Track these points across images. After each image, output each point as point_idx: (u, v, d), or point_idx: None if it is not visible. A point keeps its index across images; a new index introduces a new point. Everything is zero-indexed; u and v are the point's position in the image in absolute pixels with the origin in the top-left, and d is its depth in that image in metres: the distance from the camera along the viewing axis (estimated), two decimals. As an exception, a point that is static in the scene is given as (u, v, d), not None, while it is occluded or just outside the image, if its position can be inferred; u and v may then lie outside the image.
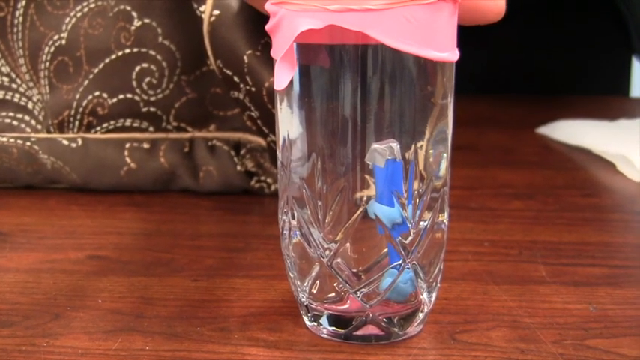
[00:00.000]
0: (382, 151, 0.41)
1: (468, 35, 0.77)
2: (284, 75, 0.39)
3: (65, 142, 0.64)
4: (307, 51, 0.40)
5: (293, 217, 0.43)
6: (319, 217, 0.41)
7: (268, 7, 0.41)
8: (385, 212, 0.41)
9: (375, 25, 0.38)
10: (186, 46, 0.62)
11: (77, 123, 0.63)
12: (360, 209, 0.41)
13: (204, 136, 0.64)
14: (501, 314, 0.45)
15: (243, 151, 0.63)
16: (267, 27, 0.41)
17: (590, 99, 0.92)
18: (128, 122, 0.63)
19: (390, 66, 0.40)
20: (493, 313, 0.45)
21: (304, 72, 0.41)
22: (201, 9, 0.57)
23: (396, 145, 0.40)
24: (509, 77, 0.96)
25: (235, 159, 0.63)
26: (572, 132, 0.77)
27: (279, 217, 0.44)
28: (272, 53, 0.41)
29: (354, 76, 0.40)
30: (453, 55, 0.41)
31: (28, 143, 0.64)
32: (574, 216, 0.59)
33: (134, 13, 0.61)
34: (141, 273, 0.50)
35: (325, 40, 0.40)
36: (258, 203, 0.63)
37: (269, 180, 0.64)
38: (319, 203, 0.42)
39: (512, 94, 0.91)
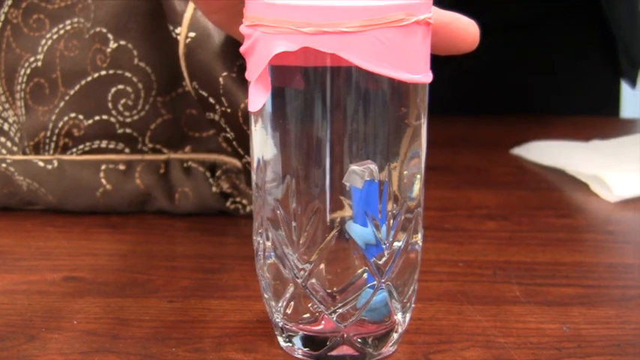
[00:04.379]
0: (360, 173, 0.41)
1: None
2: (258, 97, 0.40)
3: (41, 164, 0.63)
4: (281, 73, 0.41)
5: (268, 238, 0.43)
6: (294, 237, 0.42)
7: (242, 30, 0.41)
8: (359, 233, 0.41)
9: (348, 48, 0.38)
10: (162, 68, 0.62)
11: (53, 144, 0.63)
12: (334, 230, 0.41)
13: (180, 158, 0.64)
14: (476, 334, 0.45)
15: (218, 173, 0.63)
16: (241, 49, 0.41)
17: (568, 119, 0.92)
18: (104, 144, 0.63)
19: (364, 88, 0.40)
20: (467, 333, 0.45)
21: (278, 94, 0.41)
22: (177, 31, 0.57)
23: (374, 167, 0.41)
24: (485, 96, 0.97)
25: (211, 180, 0.64)
26: (546, 152, 0.78)
27: (254, 238, 0.44)
28: (246, 75, 0.41)
29: (328, 97, 0.40)
30: (426, 76, 0.41)
31: (4, 165, 0.64)
32: (548, 236, 0.60)
33: (110, 35, 0.62)
34: (116, 294, 0.50)
35: (299, 62, 0.40)
36: (233, 224, 0.63)
37: (244, 201, 0.64)
38: (294, 224, 0.42)
39: (488, 115, 0.91)
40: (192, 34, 0.57)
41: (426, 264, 0.49)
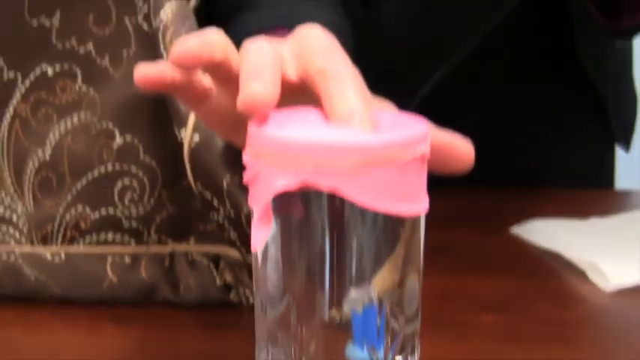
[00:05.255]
0: (360, 297, 0.42)
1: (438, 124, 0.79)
2: (261, 235, 0.41)
3: (49, 257, 0.65)
4: (281, 201, 0.42)
5: (268, 353, 0.44)
6: (293, 358, 0.43)
7: (245, 158, 0.43)
8: (358, 357, 0.42)
9: (346, 185, 0.40)
10: (167, 162, 0.63)
11: (60, 236, 0.65)
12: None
13: (185, 250, 0.65)
14: None
15: (222, 265, 0.65)
16: (244, 178, 0.43)
17: (565, 193, 0.93)
18: (110, 236, 0.65)
19: (362, 214, 0.42)
20: None
21: (279, 221, 0.42)
22: (182, 132, 0.59)
23: (373, 291, 0.42)
24: (484, 167, 0.97)
25: (215, 272, 0.65)
26: (544, 234, 0.79)
27: (256, 353, 0.45)
28: (249, 202, 0.43)
29: (327, 223, 0.42)
30: (423, 206, 0.43)
31: (13, 257, 0.65)
32: (544, 331, 0.61)
33: (116, 131, 0.63)
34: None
35: (298, 188, 0.41)
36: (237, 315, 0.64)
37: (247, 292, 0.65)
38: (293, 345, 0.43)
39: (485, 185, 0.92)
40: (196, 137, 0.58)
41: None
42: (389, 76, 0.87)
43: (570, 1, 0.86)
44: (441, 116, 0.91)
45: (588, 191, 0.95)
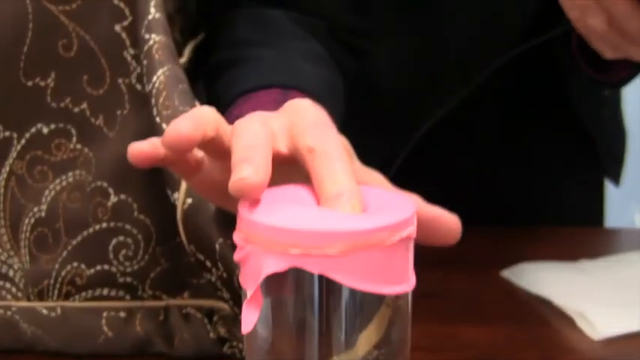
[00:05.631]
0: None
1: (423, 165, 0.80)
2: (251, 317, 0.42)
3: (45, 312, 0.66)
4: (271, 282, 0.43)
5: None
6: None
7: (235, 239, 0.44)
8: None
9: (335, 269, 0.41)
10: (161, 219, 0.64)
11: (56, 292, 0.66)
12: None
13: (179, 304, 0.66)
14: None
15: (215, 318, 0.66)
16: (235, 257, 0.44)
17: (556, 232, 0.95)
18: (105, 291, 0.66)
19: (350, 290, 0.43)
20: None
21: (270, 299, 0.43)
22: (175, 196, 0.60)
23: (358, 351, 0.43)
24: (474, 208, 0.98)
25: (208, 326, 0.66)
26: (534, 278, 0.80)
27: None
28: (241, 281, 0.44)
29: (317, 298, 0.43)
30: (409, 283, 0.44)
31: (9, 312, 0.66)
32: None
33: (110, 190, 0.64)
34: None
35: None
36: (231, 369, 0.65)
37: (240, 345, 0.66)
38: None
39: (477, 227, 0.93)
40: (189, 200, 0.59)
41: None
42: (383, 121, 0.88)
43: (560, 55, 0.87)
44: (431, 157, 0.93)
45: (578, 230, 0.96)
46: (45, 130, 0.65)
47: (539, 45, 0.82)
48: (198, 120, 0.47)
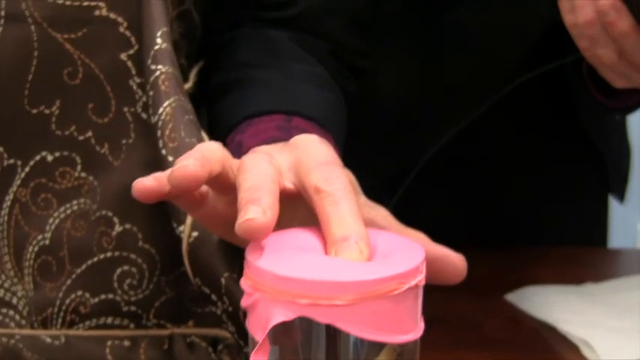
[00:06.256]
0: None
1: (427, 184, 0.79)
2: (259, 366, 0.42)
3: (49, 340, 0.66)
4: (279, 329, 0.43)
5: None
6: None
7: (243, 285, 0.44)
8: None
9: (343, 319, 0.41)
10: (166, 249, 0.64)
11: (60, 320, 0.65)
12: None
13: (183, 332, 0.66)
14: None
15: (220, 347, 0.66)
16: (242, 304, 0.44)
17: (560, 252, 0.94)
18: (109, 320, 0.65)
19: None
20: None
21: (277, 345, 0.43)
22: (180, 229, 0.60)
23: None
24: (474, 226, 0.98)
25: (213, 355, 0.66)
26: (538, 303, 0.80)
27: None
28: (247, 327, 0.44)
29: (325, 343, 0.43)
30: (417, 332, 0.44)
31: (13, 341, 0.66)
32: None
33: (115, 219, 0.64)
34: None
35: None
36: (235, 398, 0.65)
37: (245, 375, 0.66)
38: None
39: (479, 249, 0.92)
40: (194, 234, 0.59)
41: None
42: (389, 141, 0.88)
43: (571, 79, 0.87)
44: (436, 177, 0.93)
45: (584, 250, 0.96)
46: (49, 158, 0.65)
47: (550, 70, 0.81)
48: (205, 158, 0.46)
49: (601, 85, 0.80)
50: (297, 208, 0.50)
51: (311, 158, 0.49)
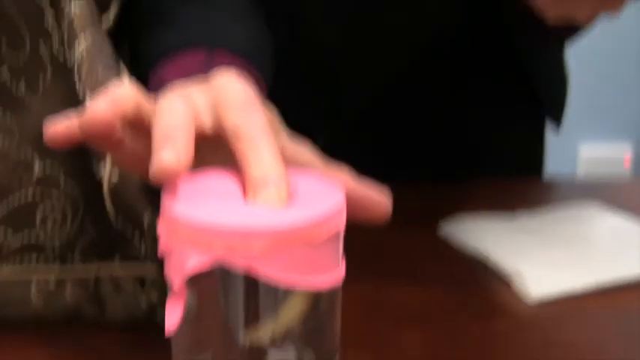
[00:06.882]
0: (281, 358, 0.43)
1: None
2: (175, 315, 0.41)
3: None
4: (195, 277, 0.42)
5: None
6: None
7: (160, 230, 0.43)
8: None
9: (259, 266, 0.40)
10: (89, 187, 0.63)
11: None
12: None
13: (109, 272, 0.65)
14: None
15: (147, 284, 0.65)
16: (159, 250, 0.43)
17: (496, 184, 0.94)
18: (33, 260, 0.64)
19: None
20: None
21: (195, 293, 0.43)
22: (101, 168, 0.59)
23: (293, 351, 0.43)
24: (407, 160, 0.98)
25: (140, 293, 0.65)
26: (472, 234, 0.80)
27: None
28: (166, 272, 0.43)
29: (243, 289, 0.42)
30: (338, 274, 0.43)
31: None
32: (464, 345, 0.62)
33: (36, 157, 0.63)
34: None
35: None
36: (163, 335, 0.64)
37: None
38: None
39: (413, 180, 0.92)
40: (116, 173, 0.58)
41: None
42: (323, 83, 0.87)
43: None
44: (373, 114, 0.92)
45: (518, 181, 0.96)
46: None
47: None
48: (116, 101, 0.45)
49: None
50: (217, 149, 0.49)
51: (229, 98, 0.48)
